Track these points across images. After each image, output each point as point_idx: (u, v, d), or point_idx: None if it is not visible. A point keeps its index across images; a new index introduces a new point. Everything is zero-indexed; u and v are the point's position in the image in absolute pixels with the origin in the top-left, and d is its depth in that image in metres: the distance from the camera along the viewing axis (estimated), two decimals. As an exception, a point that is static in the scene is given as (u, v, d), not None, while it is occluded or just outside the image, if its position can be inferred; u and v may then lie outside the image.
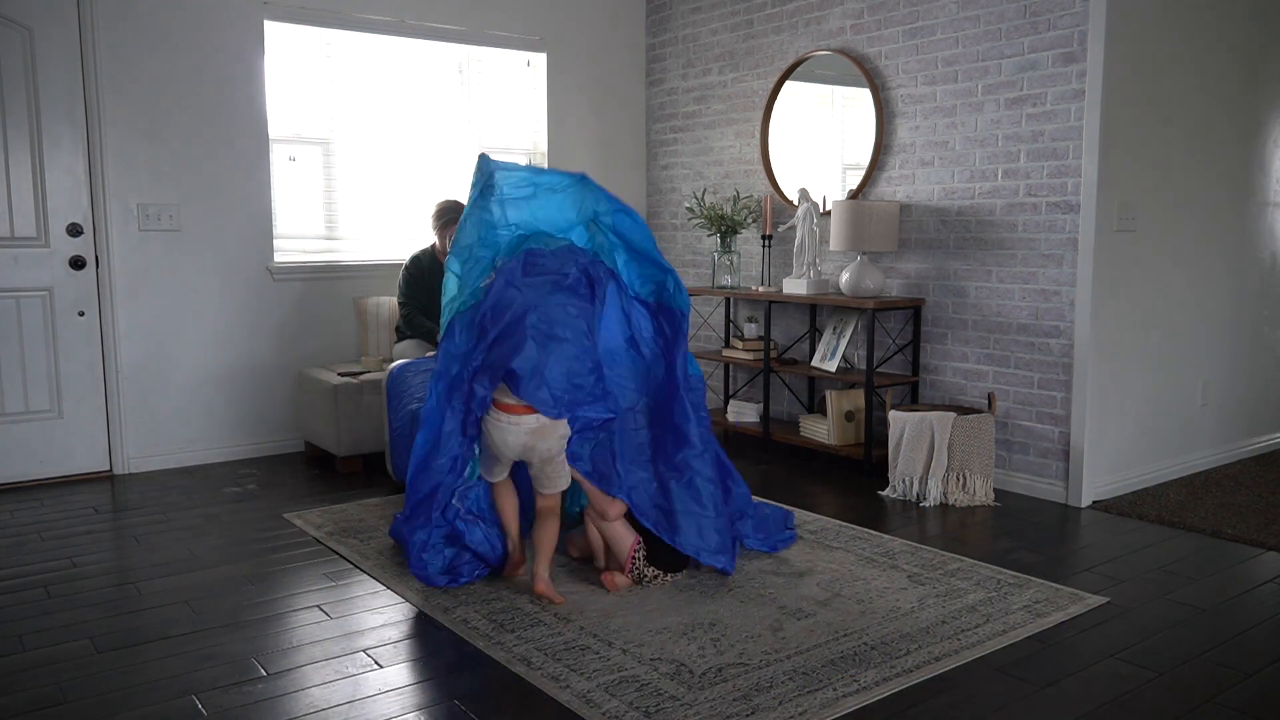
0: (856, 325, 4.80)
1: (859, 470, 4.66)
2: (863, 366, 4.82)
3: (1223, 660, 2.66)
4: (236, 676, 2.55)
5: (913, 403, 4.64)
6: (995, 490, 4.30)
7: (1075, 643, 2.76)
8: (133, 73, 4.50)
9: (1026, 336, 4.23)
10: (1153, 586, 3.20)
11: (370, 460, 4.79)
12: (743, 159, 5.53)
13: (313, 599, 3.09)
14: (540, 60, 5.73)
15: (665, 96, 6.00)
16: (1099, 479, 4.16)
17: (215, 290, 4.80)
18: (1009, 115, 4.23)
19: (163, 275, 4.66)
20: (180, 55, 4.61)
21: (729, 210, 5.30)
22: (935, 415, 4.12)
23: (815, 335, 5.11)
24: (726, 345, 5.44)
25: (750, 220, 5.37)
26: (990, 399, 4.25)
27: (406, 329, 4.78)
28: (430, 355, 4.33)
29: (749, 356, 5.14)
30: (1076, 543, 3.65)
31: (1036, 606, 3.00)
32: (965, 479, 4.10)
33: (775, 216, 5.26)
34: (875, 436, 4.69)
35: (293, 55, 4.97)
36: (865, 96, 4.79)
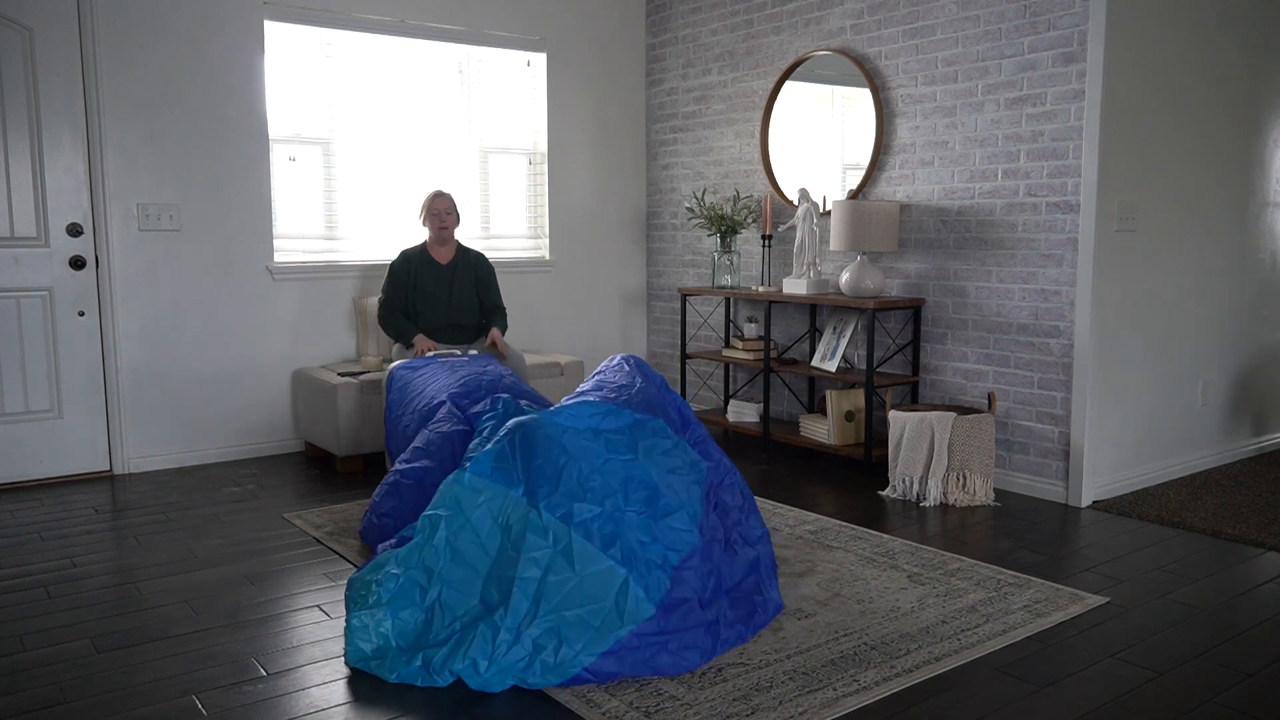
0: (856, 325, 4.80)
1: (859, 470, 4.66)
2: (863, 366, 4.83)
3: (1223, 660, 2.66)
4: (236, 676, 2.55)
5: (913, 403, 4.64)
6: (995, 490, 4.30)
7: (1075, 643, 2.76)
8: (133, 73, 4.50)
9: (1026, 336, 4.23)
10: (1153, 586, 3.20)
11: (370, 460, 4.79)
12: (743, 159, 5.53)
13: (313, 599, 3.09)
14: (540, 60, 5.73)
15: (665, 96, 6.00)
16: (1099, 479, 4.16)
17: (215, 290, 4.80)
18: (1009, 115, 4.23)
19: (163, 275, 4.66)
20: (180, 55, 4.61)
21: (729, 210, 5.30)
22: (935, 415, 4.12)
23: (815, 335, 5.11)
24: (726, 345, 5.44)
25: (750, 220, 5.37)
26: (990, 399, 4.25)
27: (383, 325, 4.69)
28: (432, 354, 4.33)
29: (749, 356, 5.15)
30: (1076, 543, 3.65)
31: (1036, 606, 2.99)
32: (965, 479, 4.10)
33: (775, 216, 5.26)
34: (875, 436, 4.69)
35: (293, 55, 4.97)
36: (865, 96, 4.79)
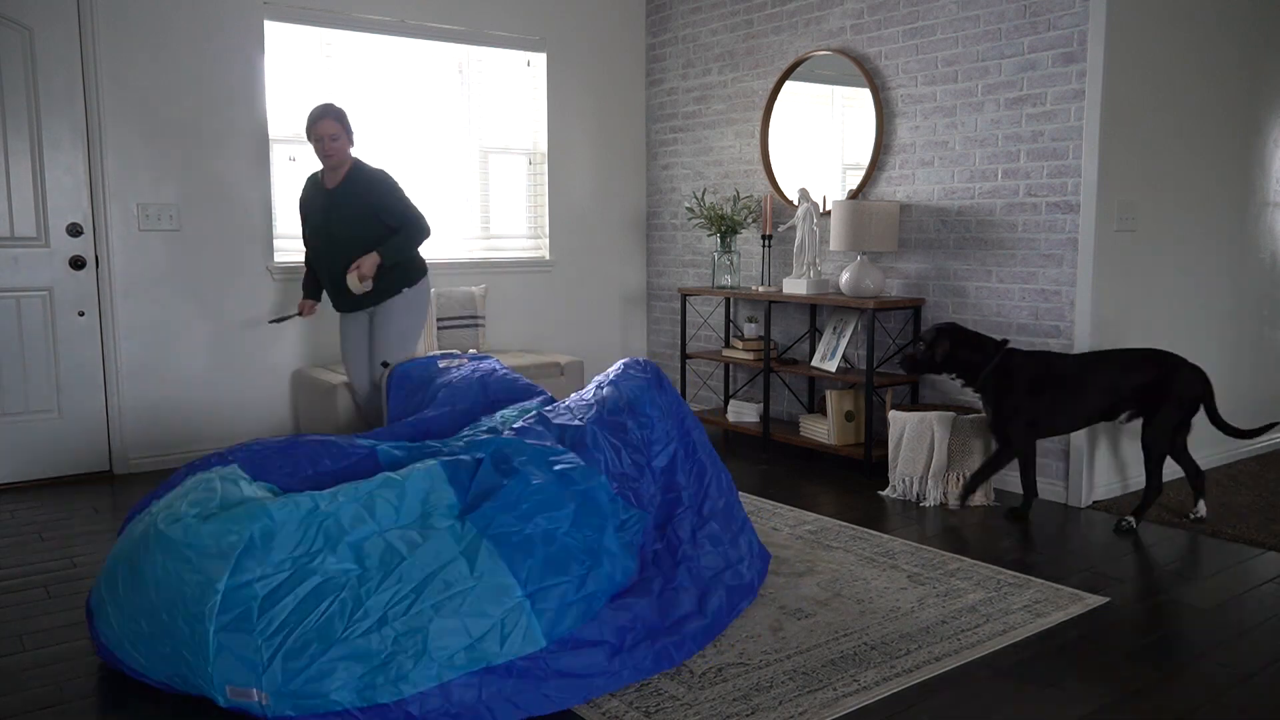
0: (856, 325, 4.80)
1: (859, 470, 4.66)
2: (863, 366, 4.83)
3: (1223, 660, 2.66)
4: (236, 676, 2.55)
5: (913, 403, 4.64)
6: (995, 490, 4.30)
7: (1075, 643, 2.76)
8: (133, 72, 4.50)
9: (1026, 336, 4.23)
10: (1153, 586, 3.20)
11: (370, 460, 4.78)
12: (743, 159, 5.53)
13: (313, 599, 3.08)
14: (540, 60, 5.73)
15: (665, 96, 6.00)
16: (1099, 479, 4.16)
17: (215, 290, 4.80)
18: (1009, 115, 4.23)
19: (163, 275, 4.66)
20: (180, 55, 4.61)
21: (729, 210, 5.30)
22: (935, 415, 4.12)
23: (815, 335, 5.11)
24: (726, 345, 5.44)
25: (750, 220, 5.37)
26: (990, 399, 4.24)
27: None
28: (436, 354, 4.32)
29: (749, 356, 5.15)
30: (1076, 543, 3.65)
31: (1036, 606, 2.99)
32: (965, 479, 4.09)
33: (775, 216, 5.26)
34: (875, 436, 4.69)
35: (293, 55, 4.97)
36: (865, 96, 4.79)
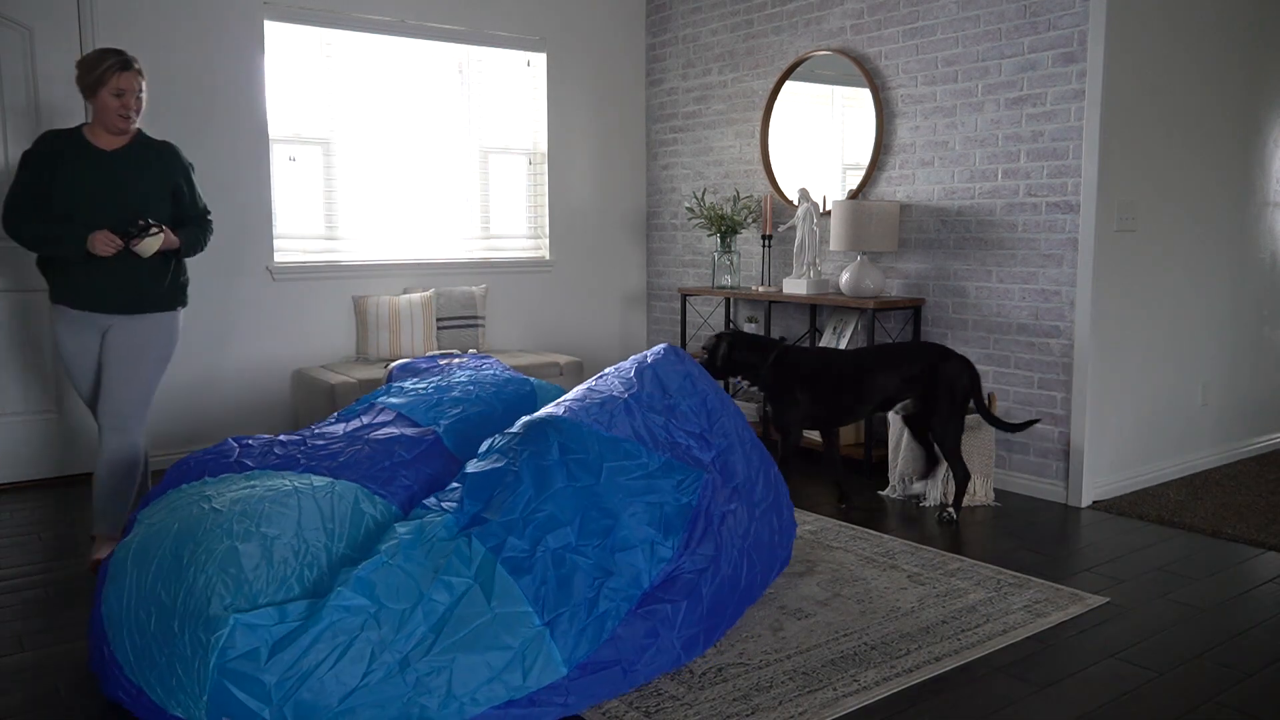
0: (856, 325, 4.80)
1: (859, 470, 4.66)
2: (863, 366, 4.83)
3: (1223, 660, 2.66)
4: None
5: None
6: (995, 490, 4.30)
7: (1075, 643, 2.76)
8: (133, 73, 4.50)
9: (1026, 336, 4.23)
10: (1153, 586, 3.20)
11: (370, 460, 4.78)
12: (743, 159, 5.53)
13: (313, 599, 3.08)
14: (540, 60, 5.73)
15: (665, 96, 6.00)
16: (1099, 479, 4.16)
17: (215, 290, 4.80)
18: (1009, 115, 4.23)
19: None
20: (180, 55, 4.61)
21: (729, 210, 5.30)
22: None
23: (815, 335, 5.11)
24: (726, 345, 5.44)
25: (750, 220, 5.37)
26: (990, 399, 4.24)
27: (13, 237, 3.26)
28: (435, 354, 4.32)
29: (749, 356, 5.14)
30: (1076, 543, 3.65)
31: (1036, 606, 2.99)
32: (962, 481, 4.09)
33: (775, 216, 5.26)
34: (875, 436, 4.69)
35: (293, 55, 4.97)
36: (865, 96, 4.79)
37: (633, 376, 2.99)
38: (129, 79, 3.25)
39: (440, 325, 5.24)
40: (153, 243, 3.20)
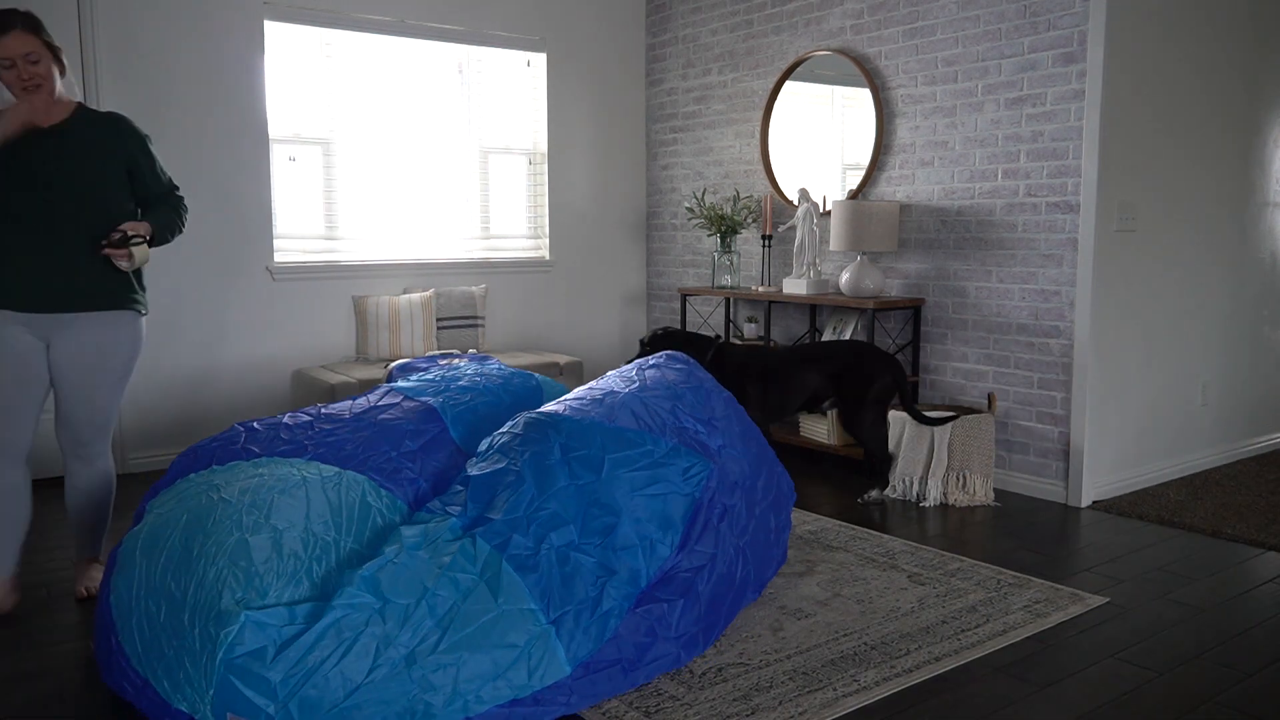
0: (856, 325, 4.80)
1: (859, 470, 4.66)
2: (863, 366, 4.83)
3: (1223, 660, 2.66)
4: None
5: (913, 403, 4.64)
6: (995, 490, 4.30)
7: (1075, 643, 2.76)
8: (132, 72, 4.50)
9: (1026, 336, 4.23)
10: (1153, 586, 3.20)
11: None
12: (743, 159, 5.53)
13: (313, 599, 3.08)
14: (540, 60, 5.73)
15: (665, 96, 6.00)
16: (1099, 479, 4.16)
17: (215, 290, 4.80)
18: (1009, 115, 4.23)
19: (162, 275, 4.66)
20: (180, 55, 4.61)
21: (729, 210, 5.30)
22: (935, 415, 4.12)
23: (815, 335, 5.11)
24: (726, 345, 5.44)
25: (750, 220, 5.37)
26: (990, 399, 4.25)
27: None
28: (435, 354, 4.32)
29: (749, 356, 5.15)
30: (1076, 543, 3.65)
31: (1036, 606, 3.00)
32: (965, 479, 4.10)
33: (775, 216, 5.26)
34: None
35: (293, 55, 4.97)
36: (865, 96, 4.79)
37: (633, 374, 3.02)
38: (13, 43, 2.69)
39: (440, 325, 5.24)
40: (143, 251, 2.85)
